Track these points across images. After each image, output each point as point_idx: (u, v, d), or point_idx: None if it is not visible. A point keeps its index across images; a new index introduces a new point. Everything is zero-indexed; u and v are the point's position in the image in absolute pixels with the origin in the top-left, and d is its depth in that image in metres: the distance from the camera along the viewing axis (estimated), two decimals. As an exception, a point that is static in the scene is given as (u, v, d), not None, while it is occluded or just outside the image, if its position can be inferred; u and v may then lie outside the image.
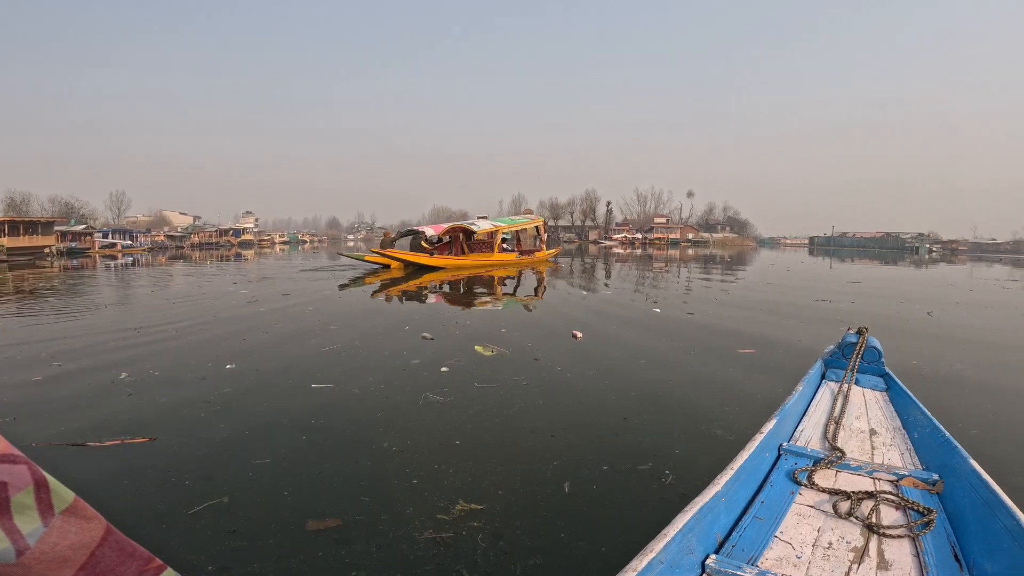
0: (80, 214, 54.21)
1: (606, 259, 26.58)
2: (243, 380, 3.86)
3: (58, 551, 0.61)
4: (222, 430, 2.88)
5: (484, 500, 2.14)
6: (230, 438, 2.78)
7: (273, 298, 8.62)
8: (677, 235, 73.65)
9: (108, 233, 44.13)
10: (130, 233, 47.74)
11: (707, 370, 4.18)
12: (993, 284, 14.35)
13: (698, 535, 1.41)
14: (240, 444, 2.71)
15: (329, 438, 2.82)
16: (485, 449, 2.67)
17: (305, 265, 18.64)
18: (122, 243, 42.53)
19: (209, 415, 3.12)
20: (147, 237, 49.97)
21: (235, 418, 3.07)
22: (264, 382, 3.84)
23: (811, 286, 12.02)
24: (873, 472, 1.89)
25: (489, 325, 6.07)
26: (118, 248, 40.18)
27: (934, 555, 1.44)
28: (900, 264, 27.82)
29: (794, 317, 6.90)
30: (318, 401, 3.42)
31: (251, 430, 2.89)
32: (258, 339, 5.30)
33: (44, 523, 0.61)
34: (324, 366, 4.24)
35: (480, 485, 2.27)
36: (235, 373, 4.04)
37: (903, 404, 2.52)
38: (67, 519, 0.63)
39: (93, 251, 37.40)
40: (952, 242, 73.87)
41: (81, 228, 41.14)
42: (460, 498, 2.14)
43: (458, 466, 2.46)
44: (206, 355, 4.58)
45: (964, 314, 7.81)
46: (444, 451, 2.64)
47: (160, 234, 55.50)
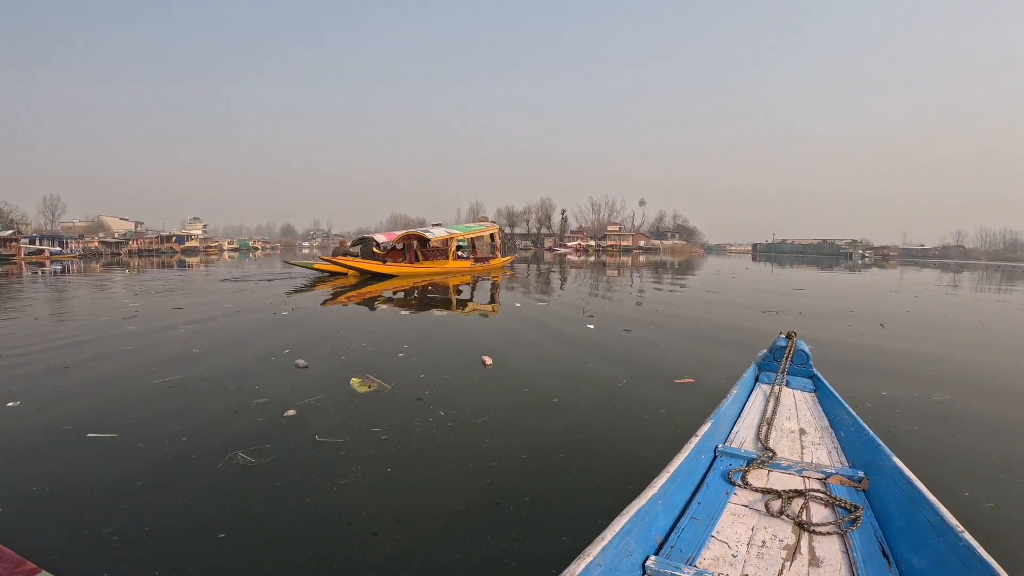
0: (9, 219, 50.98)
1: (559, 266, 26.06)
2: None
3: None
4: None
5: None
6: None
7: (160, 314, 7.53)
8: (629, 242, 74.64)
9: (35, 239, 42.50)
10: (60, 239, 46.17)
11: (633, 411, 3.32)
12: (935, 290, 14.40)
13: (636, 537, 1.41)
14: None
15: (38, 510, 2.00)
16: (246, 557, 1.81)
17: (232, 274, 17.21)
18: (50, 250, 41.10)
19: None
20: (79, 244, 47.78)
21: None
22: (27, 427, 2.96)
23: (756, 295, 11.57)
24: (803, 471, 1.92)
25: (390, 346, 5.20)
26: (46, 255, 38.84)
27: (862, 551, 1.45)
28: (837, 269, 28.76)
29: (740, 332, 6.20)
30: (78, 456, 2.57)
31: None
32: (83, 367, 4.33)
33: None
34: (130, 406, 3.34)
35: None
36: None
37: (830, 404, 2.59)
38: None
39: (19, 258, 36.08)
40: (883, 248, 78.30)
41: (8, 233, 39.33)
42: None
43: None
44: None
45: (919, 326, 7.33)
46: (187, 551, 1.82)
47: (95, 240, 53.00)
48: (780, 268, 28.22)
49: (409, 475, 2.46)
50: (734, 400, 2.53)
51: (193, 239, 63.61)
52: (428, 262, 16.98)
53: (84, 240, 52.63)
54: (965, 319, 8.33)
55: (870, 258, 60.92)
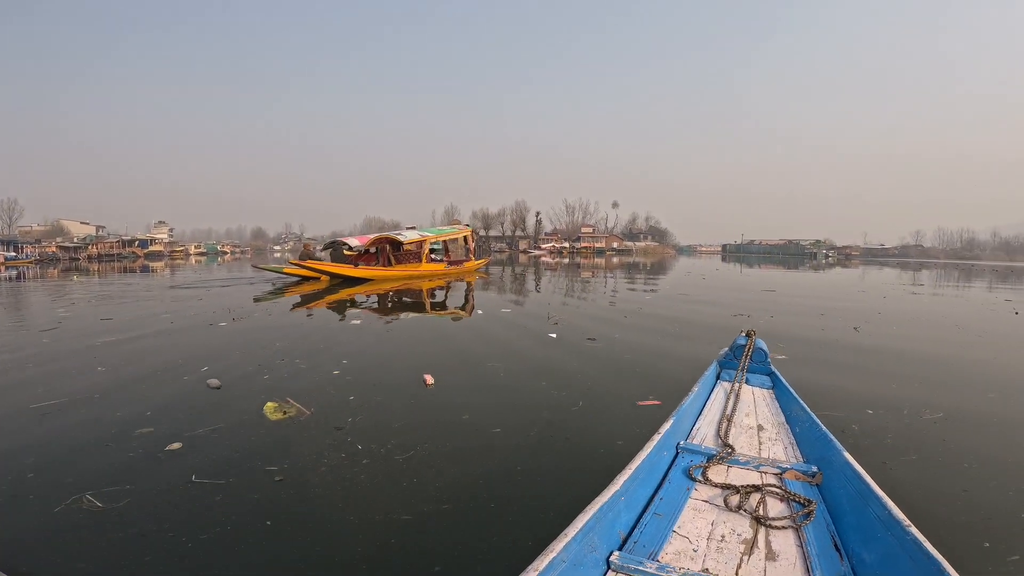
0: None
1: (533, 268, 25.66)
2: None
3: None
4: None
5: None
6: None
7: (84, 326, 6.83)
8: (603, 244, 74.99)
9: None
10: (15, 244, 44.19)
11: (585, 445, 2.79)
12: (901, 289, 14.39)
13: (600, 533, 1.42)
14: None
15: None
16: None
17: (185, 281, 16.27)
18: (4, 255, 39.48)
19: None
20: (36, 248, 45.76)
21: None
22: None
23: (726, 297, 11.24)
24: (760, 466, 1.95)
25: (328, 361, 4.67)
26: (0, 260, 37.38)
27: (816, 545, 1.48)
28: (802, 269, 29.27)
29: (709, 343, 5.60)
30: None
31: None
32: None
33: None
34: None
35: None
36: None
37: (787, 401, 2.63)
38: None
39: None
40: (846, 247, 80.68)
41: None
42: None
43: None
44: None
45: (893, 329, 6.90)
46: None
47: (52, 245, 50.82)
48: (749, 268, 28.46)
49: (293, 530, 1.98)
50: (696, 397, 2.57)
51: (157, 243, 61.58)
52: (401, 265, 16.66)
53: (41, 245, 50.39)
54: (939, 319, 8.14)
55: (833, 257, 62.59)
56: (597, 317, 7.96)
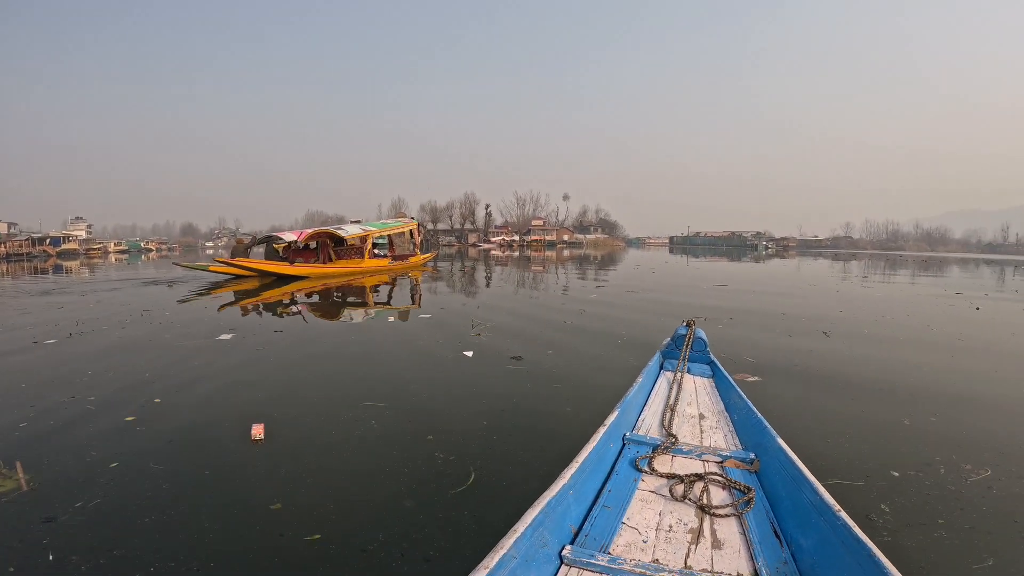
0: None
1: (481, 262, 24.68)
2: None
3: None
4: None
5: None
6: None
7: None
8: (553, 237, 75.22)
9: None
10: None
11: (463, 561, 1.65)
12: (850, 282, 14.34)
13: (550, 528, 1.39)
14: None
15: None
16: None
17: (54, 286, 13.33)
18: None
19: None
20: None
21: None
22: None
23: (678, 293, 10.68)
24: (702, 455, 1.96)
25: (132, 400, 3.49)
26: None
27: (757, 532, 1.48)
28: (746, 260, 30.01)
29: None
30: None
31: None
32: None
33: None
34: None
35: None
36: None
37: (725, 389, 2.67)
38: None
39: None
40: (784, 239, 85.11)
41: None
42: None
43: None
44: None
45: (865, 331, 6.36)
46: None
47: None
48: (696, 260, 28.79)
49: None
50: (640, 388, 2.56)
51: (72, 241, 56.49)
52: (342, 261, 15.90)
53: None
54: (904, 319, 7.64)
55: (773, 249, 65.49)
56: (532, 321, 7.00)
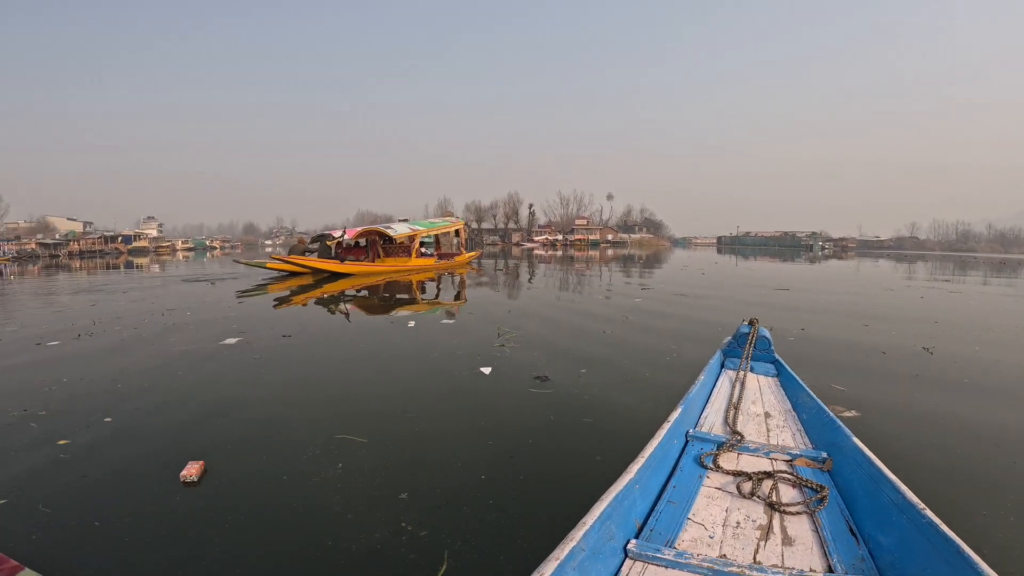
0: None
1: (525, 261, 25.10)
2: None
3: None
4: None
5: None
6: None
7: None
8: (597, 236, 74.57)
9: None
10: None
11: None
12: (932, 287, 12.81)
13: (617, 521, 1.41)
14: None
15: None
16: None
17: (127, 280, 15.05)
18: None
19: None
20: (13, 245, 45.03)
21: None
22: None
23: (734, 298, 9.58)
24: (770, 453, 1.96)
25: (84, 417, 3.20)
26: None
27: (831, 529, 1.47)
28: (799, 261, 28.85)
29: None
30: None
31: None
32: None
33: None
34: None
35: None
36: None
37: (792, 388, 2.65)
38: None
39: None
40: (842, 239, 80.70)
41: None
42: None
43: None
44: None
45: (980, 352, 5.08)
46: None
47: (31, 242, 49.81)
48: (748, 261, 28.02)
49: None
50: (702, 386, 2.55)
51: (142, 239, 60.42)
52: (390, 259, 16.37)
53: (20, 242, 49.51)
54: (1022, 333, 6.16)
55: (830, 249, 62.54)
56: (567, 330, 6.20)
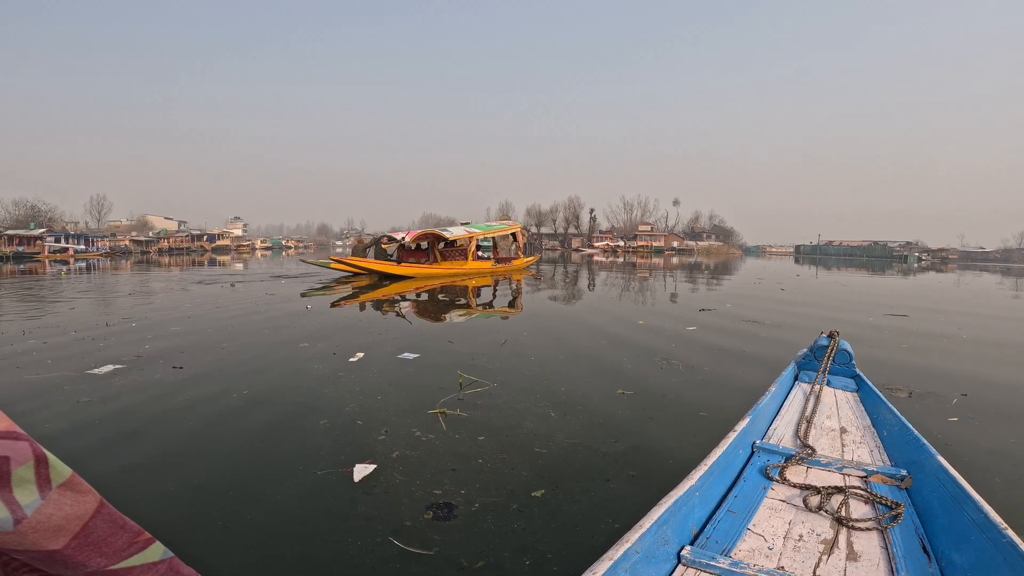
0: (48, 218, 53.80)
1: (576, 269, 24.05)
2: None
3: (54, 521, 0.63)
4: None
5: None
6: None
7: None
8: (661, 243, 71.89)
9: (61, 237, 43.88)
10: (86, 238, 47.64)
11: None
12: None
13: (673, 527, 1.40)
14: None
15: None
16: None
17: (207, 275, 15.82)
18: (75, 248, 42.64)
19: None
20: (107, 242, 48.96)
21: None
22: None
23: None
24: (843, 468, 1.89)
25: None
26: (70, 253, 40.49)
27: (902, 547, 1.44)
28: (892, 274, 25.91)
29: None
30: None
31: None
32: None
33: (41, 495, 0.62)
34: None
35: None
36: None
37: (873, 404, 2.54)
38: (63, 493, 0.64)
39: (43, 256, 37.52)
40: (941, 250, 73.20)
41: (38, 232, 41.27)
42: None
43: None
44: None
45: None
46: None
47: (125, 239, 54.27)
48: (832, 273, 25.43)
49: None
50: (772, 398, 2.49)
51: (224, 238, 64.52)
52: (447, 262, 16.40)
53: (115, 239, 53.92)
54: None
55: (927, 261, 56.63)
56: (563, 381, 4.09)
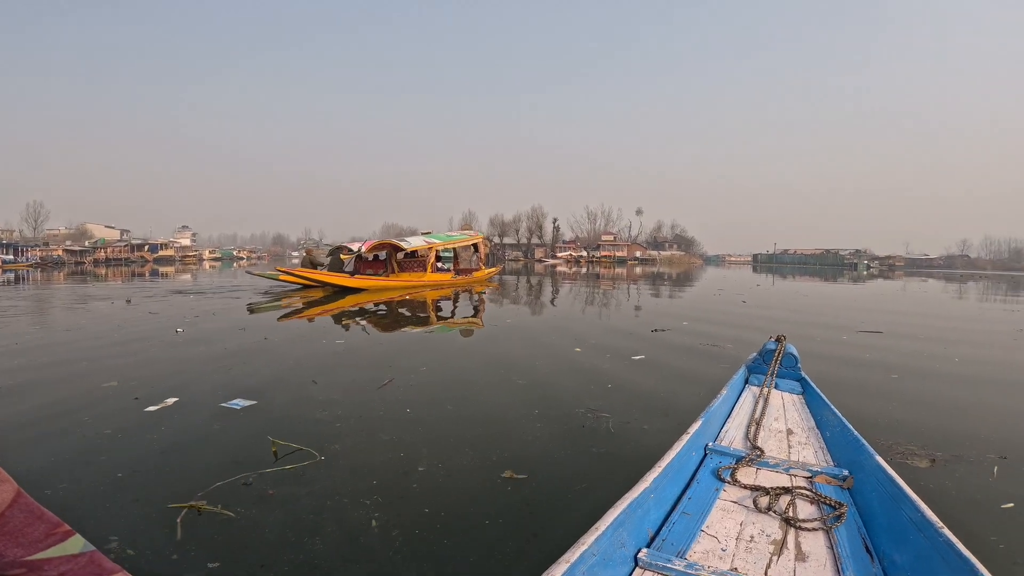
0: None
1: (545, 279, 23.46)
2: None
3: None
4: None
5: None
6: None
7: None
8: (624, 253, 72.50)
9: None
10: (14, 247, 44.57)
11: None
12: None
13: (629, 529, 1.42)
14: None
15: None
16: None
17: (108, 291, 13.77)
18: (2, 258, 39.63)
19: None
20: (38, 251, 45.62)
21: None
22: None
23: (812, 359, 4.75)
24: (789, 469, 1.95)
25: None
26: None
27: (847, 547, 1.47)
28: (844, 281, 26.41)
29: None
30: None
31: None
32: None
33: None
34: None
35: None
36: None
37: (817, 406, 2.62)
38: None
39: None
40: (889, 258, 76.70)
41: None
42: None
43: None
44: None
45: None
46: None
47: (58, 248, 50.63)
48: (789, 281, 25.67)
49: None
50: (724, 401, 2.54)
51: (168, 248, 61.00)
52: (405, 274, 15.59)
53: (47, 248, 50.32)
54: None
55: (876, 268, 59.08)
56: (446, 458, 2.63)
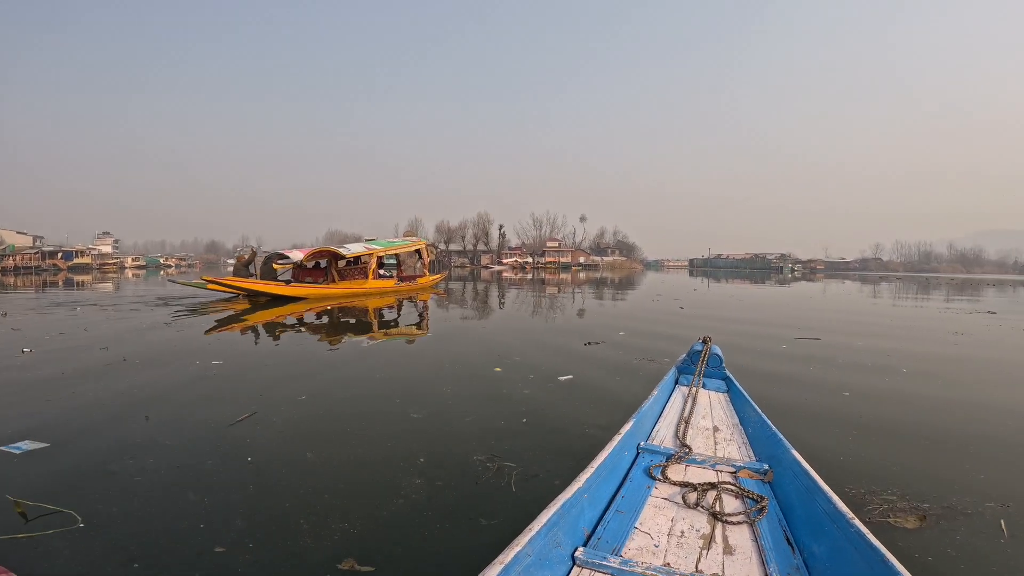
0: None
1: (491, 286, 23.46)
2: None
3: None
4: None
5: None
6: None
7: None
8: (569, 259, 73.78)
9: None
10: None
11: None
12: (968, 317, 10.51)
13: (564, 529, 1.44)
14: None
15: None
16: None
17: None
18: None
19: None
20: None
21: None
22: None
23: (748, 372, 4.52)
24: (715, 465, 2.02)
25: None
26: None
27: (769, 539, 1.52)
28: (771, 283, 27.76)
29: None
30: None
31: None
32: None
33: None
34: None
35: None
36: None
37: (740, 403, 2.75)
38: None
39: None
40: (810, 261, 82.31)
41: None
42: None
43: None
44: None
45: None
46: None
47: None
48: (723, 285, 26.74)
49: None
50: (655, 401, 2.63)
51: (85, 255, 56.46)
52: (346, 282, 15.05)
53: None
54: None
55: (799, 272, 63.23)
56: (268, 533, 1.89)
